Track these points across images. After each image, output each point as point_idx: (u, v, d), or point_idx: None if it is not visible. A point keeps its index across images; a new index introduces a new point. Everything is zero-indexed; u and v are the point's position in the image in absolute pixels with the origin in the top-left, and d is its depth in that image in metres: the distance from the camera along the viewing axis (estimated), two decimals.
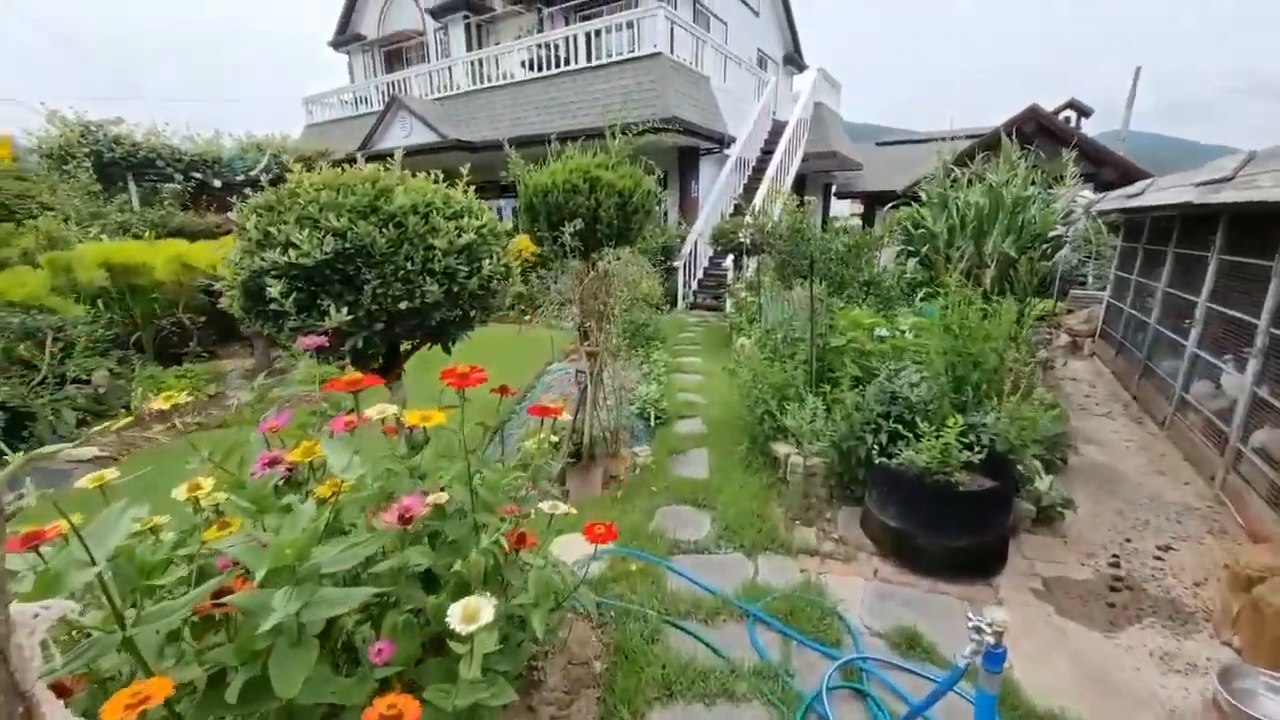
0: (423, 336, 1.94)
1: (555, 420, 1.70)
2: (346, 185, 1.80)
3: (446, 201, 1.92)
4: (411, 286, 1.95)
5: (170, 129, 12.48)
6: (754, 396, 3.86)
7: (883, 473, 2.87)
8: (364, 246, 1.88)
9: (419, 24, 15.60)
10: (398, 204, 1.89)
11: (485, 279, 1.98)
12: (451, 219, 1.86)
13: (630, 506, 3.46)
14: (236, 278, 1.92)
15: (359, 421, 1.33)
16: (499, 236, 1.98)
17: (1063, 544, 3.13)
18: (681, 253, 10.52)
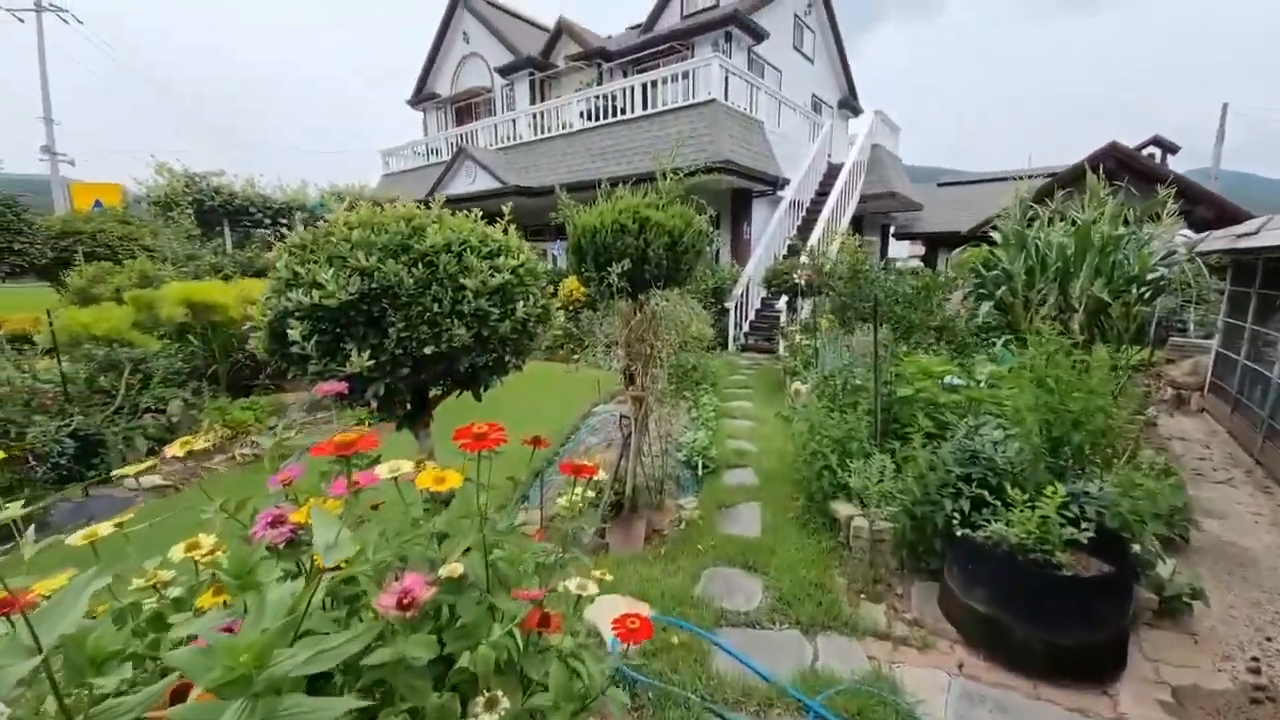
0: (452, 382, 1.82)
1: (591, 479, 1.52)
2: (380, 223, 1.75)
3: (483, 240, 1.83)
4: (438, 330, 1.82)
5: (264, 179, 13.72)
6: (811, 449, 3.55)
7: (967, 547, 2.49)
8: (390, 287, 1.77)
9: (488, 82, 16.69)
10: (430, 242, 1.80)
11: (519, 321, 1.85)
12: (487, 258, 1.78)
13: (674, 566, 3.19)
14: (264, 318, 1.90)
15: (364, 482, 1.18)
16: (537, 276, 1.85)
17: (1192, 642, 2.60)
18: (733, 294, 10.34)
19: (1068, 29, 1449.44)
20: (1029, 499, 2.48)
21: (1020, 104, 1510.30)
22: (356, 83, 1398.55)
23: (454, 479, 1.16)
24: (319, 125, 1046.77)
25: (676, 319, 3.34)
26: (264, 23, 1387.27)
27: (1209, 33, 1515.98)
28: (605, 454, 4.84)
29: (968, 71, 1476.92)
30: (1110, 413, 2.50)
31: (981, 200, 15.18)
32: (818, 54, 16.72)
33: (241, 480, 4.83)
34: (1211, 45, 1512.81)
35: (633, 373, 3.42)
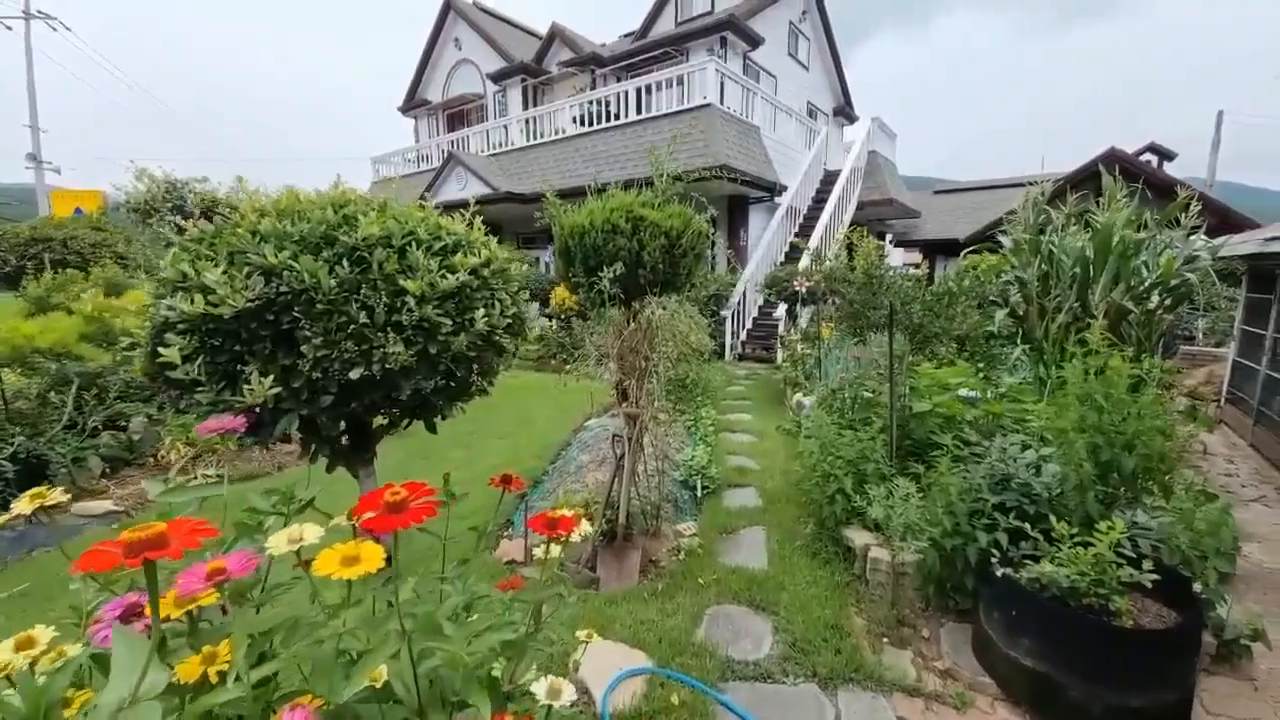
0: (401, 411, 1.47)
1: (567, 536, 1.20)
2: (300, 211, 1.41)
3: (435, 232, 1.42)
4: (369, 346, 1.37)
5: (253, 186, 13.35)
6: (822, 471, 3.24)
7: (1009, 590, 2.18)
8: (304, 291, 1.34)
9: (480, 88, 16.47)
10: (362, 234, 1.36)
11: (480, 335, 1.40)
12: (439, 254, 1.38)
13: (672, 604, 2.86)
14: (142, 331, 1.53)
15: (236, 571, 0.82)
16: (509, 279, 1.49)
17: (1252, 689, 2.29)
18: (730, 302, 10.08)
19: (1056, 44, 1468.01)
20: (1076, 533, 2.18)
21: (1009, 117, 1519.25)
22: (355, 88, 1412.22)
23: (371, 557, 0.83)
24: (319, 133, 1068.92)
25: (674, 329, 3.03)
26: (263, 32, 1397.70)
27: (1195, 46, 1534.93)
28: (597, 474, 4.52)
29: (957, 85, 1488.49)
30: (1168, 433, 2.22)
31: (979, 208, 15.06)
32: (813, 61, 16.62)
33: None
34: (1199, 58, 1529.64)
35: (626, 387, 3.11)
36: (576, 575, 3.04)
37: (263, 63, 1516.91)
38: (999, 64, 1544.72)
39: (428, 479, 3.28)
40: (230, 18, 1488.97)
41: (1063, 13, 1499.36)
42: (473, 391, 1.46)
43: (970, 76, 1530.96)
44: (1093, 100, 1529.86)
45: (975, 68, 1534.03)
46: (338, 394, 1.26)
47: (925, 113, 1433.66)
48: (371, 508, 0.74)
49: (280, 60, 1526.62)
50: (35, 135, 23.98)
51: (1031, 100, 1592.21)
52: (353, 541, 0.83)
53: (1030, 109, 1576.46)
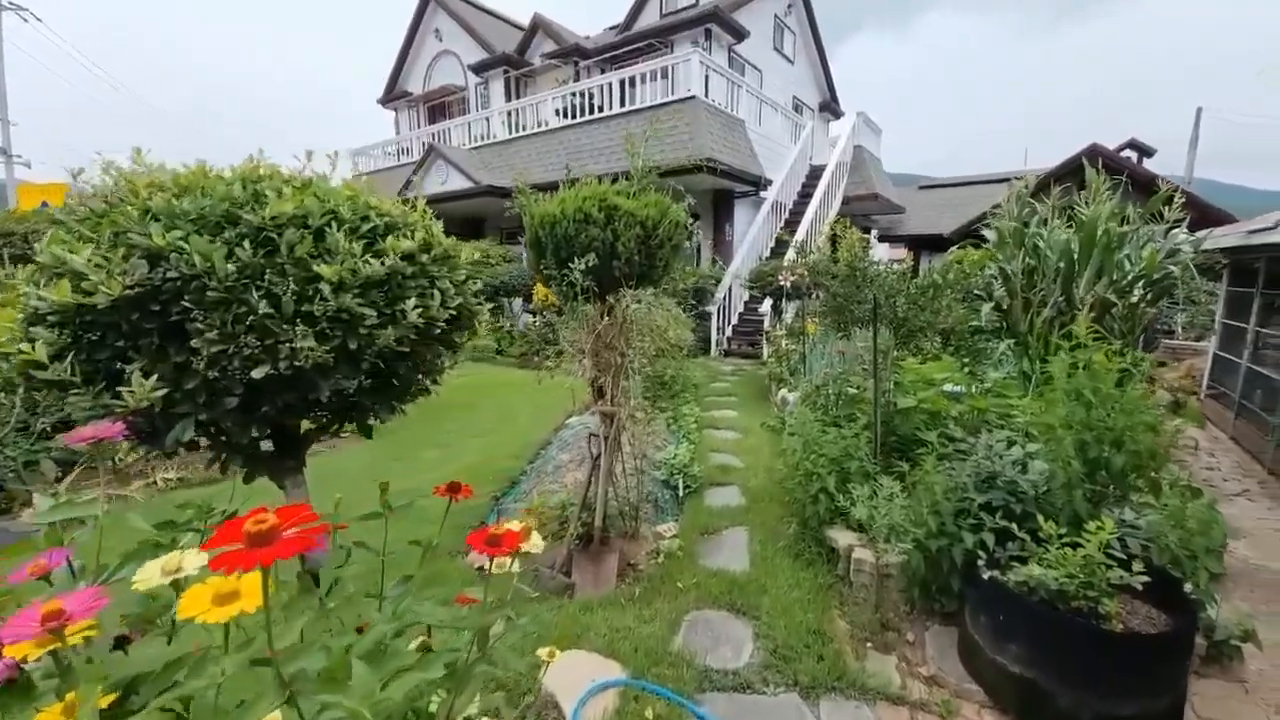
0: (331, 414, 1.31)
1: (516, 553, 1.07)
2: (202, 186, 1.25)
3: (363, 212, 1.21)
4: (273, 340, 1.17)
5: None
6: (805, 469, 3.14)
7: (995, 593, 2.10)
8: (194, 276, 1.14)
9: (462, 80, 16.17)
10: (270, 212, 1.16)
11: (414, 328, 1.17)
12: (366, 237, 1.19)
13: (650, 610, 2.74)
14: (13, 326, 1.36)
15: (75, 613, 0.67)
16: (454, 266, 1.33)
17: (1243, 692, 2.24)
18: (716, 297, 9.98)
19: (1037, 44, 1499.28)
20: (1065, 534, 2.11)
21: (1006, 117, 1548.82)
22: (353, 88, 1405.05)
23: (252, 592, 0.68)
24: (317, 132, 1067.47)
25: (651, 323, 2.91)
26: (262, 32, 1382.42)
27: (1173, 48, 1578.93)
28: (576, 473, 4.39)
29: (942, 84, 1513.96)
30: (1158, 429, 2.15)
31: (963, 203, 15.12)
32: (798, 55, 16.54)
33: (159, 511, 4.28)
34: (1180, 59, 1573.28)
35: (602, 385, 2.99)
36: (551, 581, 2.92)
37: (261, 63, 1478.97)
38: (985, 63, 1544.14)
39: (400, 481, 3.12)
40: (229, 18, 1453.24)
41: (1049, 12, 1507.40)
42: (411, 393, 1.31)
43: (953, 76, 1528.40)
44: (1078, 100, 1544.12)
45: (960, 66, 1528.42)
46: (246, 395, 1.11)
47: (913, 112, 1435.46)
48: (230, 539, 0.60)
49: (279, 60, 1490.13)
50: (5, 129, 23.16)
51: (1025, 100, 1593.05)
52: (229, 573, 0.70)
53: (1020, 109, 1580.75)
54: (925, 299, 3.32)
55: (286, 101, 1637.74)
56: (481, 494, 4.19)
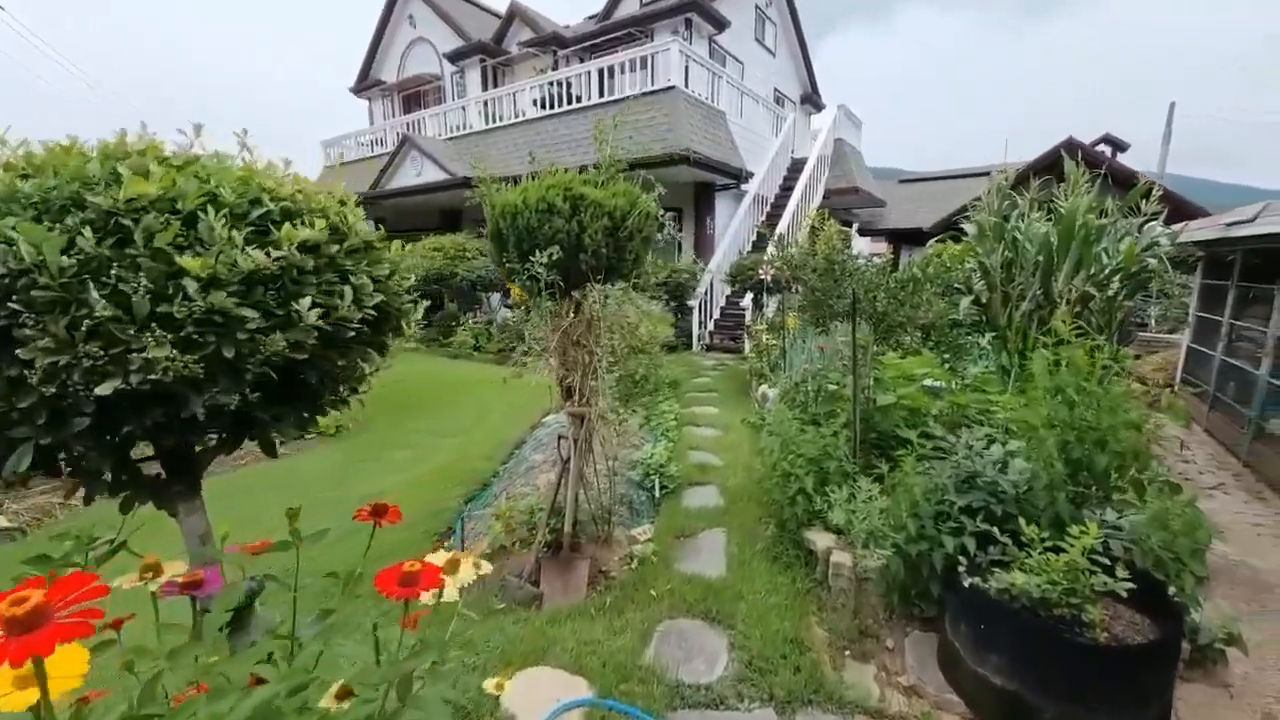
0: (226, 432, 1.10)
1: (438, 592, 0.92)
2: (54, 165, 0.98)
3: (253, 195, 0.97)
4: (121, 349, 0.96)
5: None
6: (782, 470, 3.04)
7: (975, 601, 2.01)
8: (25, 272, 0.92)
9: (437, 68, 15.76)
10: (126, 194, 0.95)
11: (316, 330, 0.96)
12: (257, 224, 0.97)
13: (621, 620, 2.62)
14: None
15: None
16: (376, 259, 1.12)
17: (1228, 697, 2.19)
18: (697, 291, 9.87)
19: (1012, 40, 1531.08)
20: (1047, 537, 2.02)
21: (969, 113, 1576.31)
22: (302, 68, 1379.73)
23: (75, 664, 0.53)
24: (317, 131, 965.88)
25: (623, 320, 2.77)
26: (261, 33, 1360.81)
27: (1150, 44, 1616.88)
28: (550, 474, 4.24)
29: (919, 79, 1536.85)
30: (1143, 428, 2.08)
31: (943, 197, 15.19)
32: (779, 47, 16.44)
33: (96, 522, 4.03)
34: (1153, 54, 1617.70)
35: (570, 385, 2.84)
36: (518, 591, 2.78)
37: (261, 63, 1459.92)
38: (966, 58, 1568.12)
39: (364, 485, 2.90)
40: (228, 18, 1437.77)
41: (1023, 9, 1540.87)
42: (321, 406, 1.14)
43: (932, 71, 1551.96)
44: (1054, 96, 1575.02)
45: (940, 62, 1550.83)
46: (100, 414, 0.93)
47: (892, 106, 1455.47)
48: None
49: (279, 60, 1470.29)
50: None
51: (1002, 95, 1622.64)
52: None
53: (997, 103, 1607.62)
54: (905, 293, 3.22)
55: (286, 101, 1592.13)
56: (452, 497, 4.03)
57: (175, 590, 1.06)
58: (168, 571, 1.04)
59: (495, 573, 3.01)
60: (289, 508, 1.08)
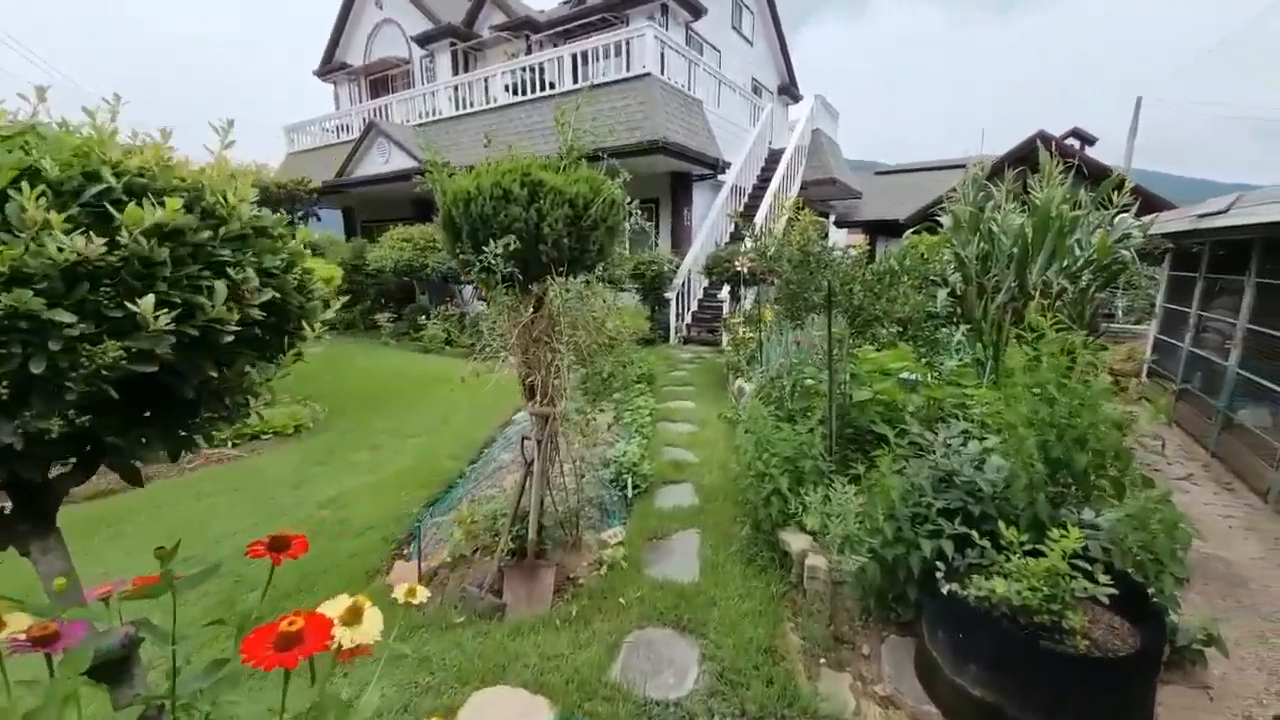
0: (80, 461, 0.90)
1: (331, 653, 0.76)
2: None
3: (92, 168, 0.79)
4: None
5: None
6: (757, 470, 2.93)
7: (953, 608, 1.92)
8: None
9: (405, 52, 15.23)
10: None
11: (171, 335, 0.78)
12: (92, 205, 0.77)
13: (588, 632, 2.49)
14: None
15: None
16: (265, 250, 0.84)
17: (1207, 699, 2.15)
18: (674, 284, 9.73)
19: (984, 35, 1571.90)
20: (1026, 540, 1.94)
21: (941, 108, 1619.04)
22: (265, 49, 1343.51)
23: None
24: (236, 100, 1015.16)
25: (588, 315, 2.61)
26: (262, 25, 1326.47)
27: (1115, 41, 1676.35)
28: (518, 474, 4.08)
29: (889, 72, 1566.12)
30: (1125, 427, 2.01)
31: (919, 189, 15.27)
32: (757, 36, 16.29)
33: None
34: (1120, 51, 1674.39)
35: (533, 383, 2.68)
36: (479, 602, 2.62)
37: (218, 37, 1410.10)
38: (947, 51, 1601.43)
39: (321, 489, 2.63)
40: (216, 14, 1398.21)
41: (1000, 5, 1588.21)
42: (202, 423, 0.95)
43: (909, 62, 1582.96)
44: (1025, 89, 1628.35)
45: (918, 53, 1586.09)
46: None
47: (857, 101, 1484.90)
48: None
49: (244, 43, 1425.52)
50: None
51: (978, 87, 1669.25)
52: None
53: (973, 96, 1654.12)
54: (882, 286, 3.13)
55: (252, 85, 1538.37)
56: (415, 500, 3.83)
57: (26, 646, 0.89)
58: (10, 624, 0.86)
59: (456, 583, 2.85)
60: (159, 548, 0.90)
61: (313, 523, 3.57)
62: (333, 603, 0.81)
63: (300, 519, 3.63)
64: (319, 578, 2.96)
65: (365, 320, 12.29)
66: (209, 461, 4.68)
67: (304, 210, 13.89)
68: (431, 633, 2.52)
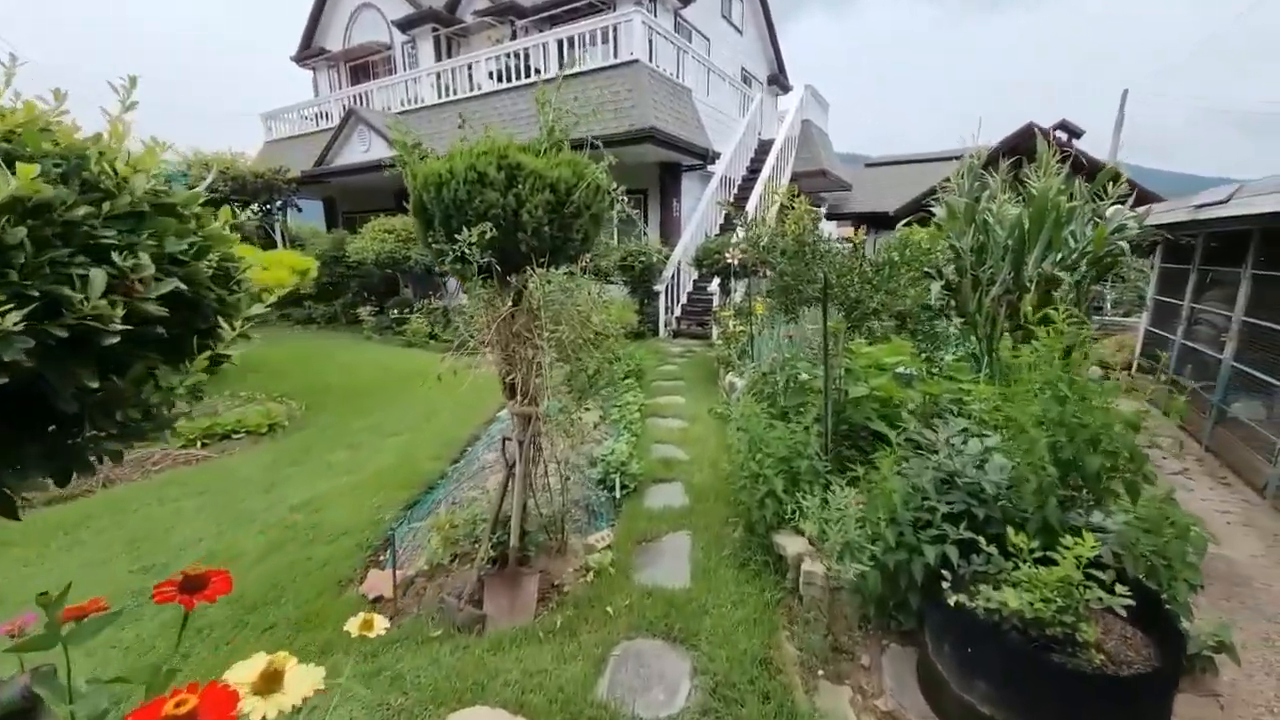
0: None
1: None
2: None
3: None
4: None
5: None
6: (750, 470, 2.80)
7: (960, 620, 1.81)
8: None
9: (386, 37, 14.81)
10: None
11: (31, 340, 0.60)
12: None
13: (573, 644, 2.35)
14: None
15: None
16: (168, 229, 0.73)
17: (1218, 708, 2.08)
18: (663, 276, 9.57)
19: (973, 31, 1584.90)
20: (1036, 548, 1.83)
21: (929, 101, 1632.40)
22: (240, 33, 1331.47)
23: None
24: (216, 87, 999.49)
25: (570, 310, 2.45)
26: None
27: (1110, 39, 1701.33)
28: (502, 475, 3.93)
29: (877, 67, 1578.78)
30: (1139, 426, 1.91)
31: (909, 181, 15.21)
32: (746, 25, 16.07)
33: None
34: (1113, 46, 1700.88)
35: (514, 382, 2.52)
36: (458, 614, 2.47)
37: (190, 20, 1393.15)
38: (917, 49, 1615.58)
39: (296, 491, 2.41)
40: None
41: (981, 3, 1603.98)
42: (86, 442, 0.77)
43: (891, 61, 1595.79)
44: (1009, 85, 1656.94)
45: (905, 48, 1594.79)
46: None
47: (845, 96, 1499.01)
48: None
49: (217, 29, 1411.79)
50: None
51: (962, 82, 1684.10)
52: None
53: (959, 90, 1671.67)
54: (881, 278, 3.01)
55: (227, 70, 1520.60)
56: (393, 503, 3.66)
57: None
58: None
59: (434, 592, 2.70)
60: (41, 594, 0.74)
61: (284, 527, 3.39)
62: (245, 666, 0.66)
63: (270, 523, 3.45)
64: (287, 587, 2.79)
65: (347, 314, 12.00)
66: (176, 463, 4.46)
67: (283, 201, 13.51)
68: (406, 648, 2.37)
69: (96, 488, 4.19)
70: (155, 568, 3.12)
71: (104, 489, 4.17)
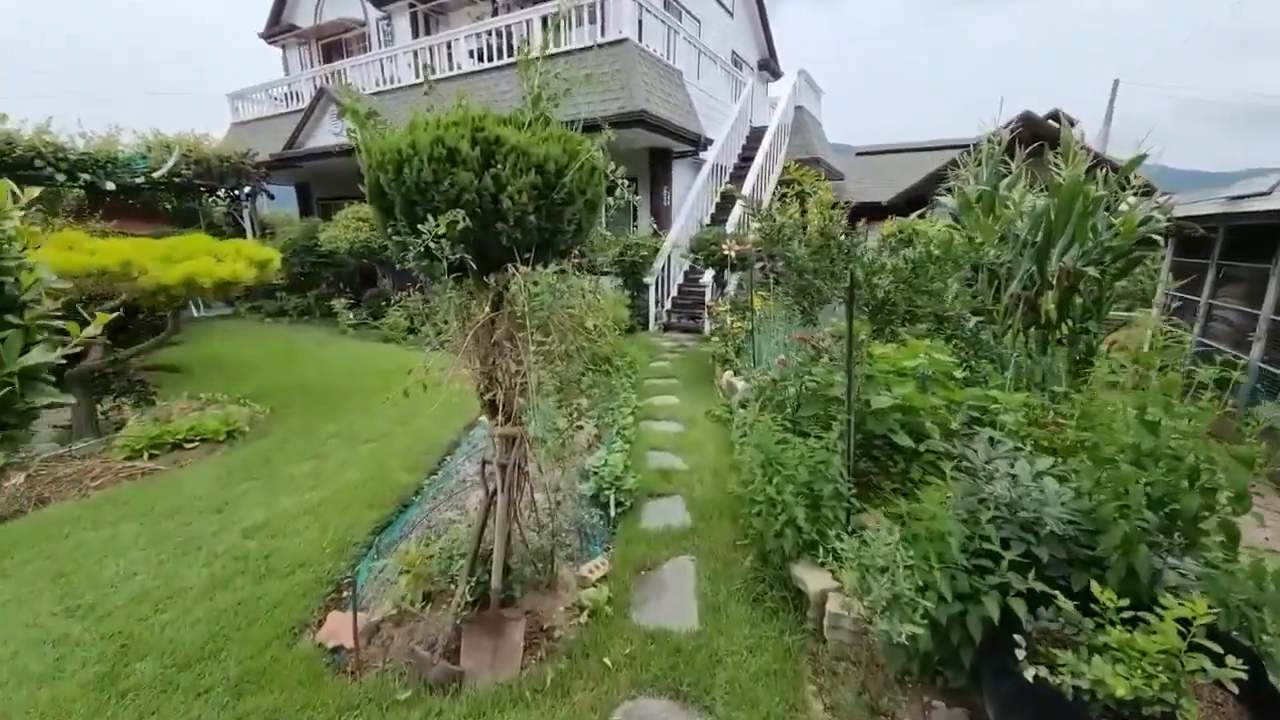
0: None
1: None
2: None
3: None
4: None
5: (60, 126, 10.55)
6: (766, 495, 2.47)
7: (1035, 695, 1.49)
8: None
9: (360, 14, 14.04)
10: None
11: None
12: None
13: (566, 705, 2.01)
14: None
15: None
16: None
17: None
18: (654, 267, 9.18)
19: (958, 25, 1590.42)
20: (1123, 607, 1.52)
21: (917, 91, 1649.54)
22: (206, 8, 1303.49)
23: None
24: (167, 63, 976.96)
25: (562, 314, 2.07)
26: None
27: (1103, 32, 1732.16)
28: (483, 493, 3.55)
29: (865, 58, 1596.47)
30: (1253, 462, 1.60)
31: (901, 170, 14.94)
32: (737, 7, 15.59)
33: None
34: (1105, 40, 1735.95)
35: (495, 400, 2.14)
36: (431, 669, 2.10)
37: None
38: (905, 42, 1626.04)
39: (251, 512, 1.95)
40: None
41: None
42: None
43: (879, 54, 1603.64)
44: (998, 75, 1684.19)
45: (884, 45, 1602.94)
46: None
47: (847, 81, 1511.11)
48: None
49: None
50: None
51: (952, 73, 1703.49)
52: None
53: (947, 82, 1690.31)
54: (920, 278, 2.68)
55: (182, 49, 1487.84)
56: (362, 525, 3.27)
57: None
58: None
59: (403, 640, 2.33)
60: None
61: (233, 557, 2.98)
62: None
63: (218, 552, 3.04)
64: (231, 635, 2.40)
65: (321, 307, 11.42)
66: (119, 477, 4.01)
67: (252, 186, 12.79)
68: (368, 714, 2.01)
69: (28, 507, 3.73)
70: (81, 608, 2.71)
71: (36, 509, 3.71)
